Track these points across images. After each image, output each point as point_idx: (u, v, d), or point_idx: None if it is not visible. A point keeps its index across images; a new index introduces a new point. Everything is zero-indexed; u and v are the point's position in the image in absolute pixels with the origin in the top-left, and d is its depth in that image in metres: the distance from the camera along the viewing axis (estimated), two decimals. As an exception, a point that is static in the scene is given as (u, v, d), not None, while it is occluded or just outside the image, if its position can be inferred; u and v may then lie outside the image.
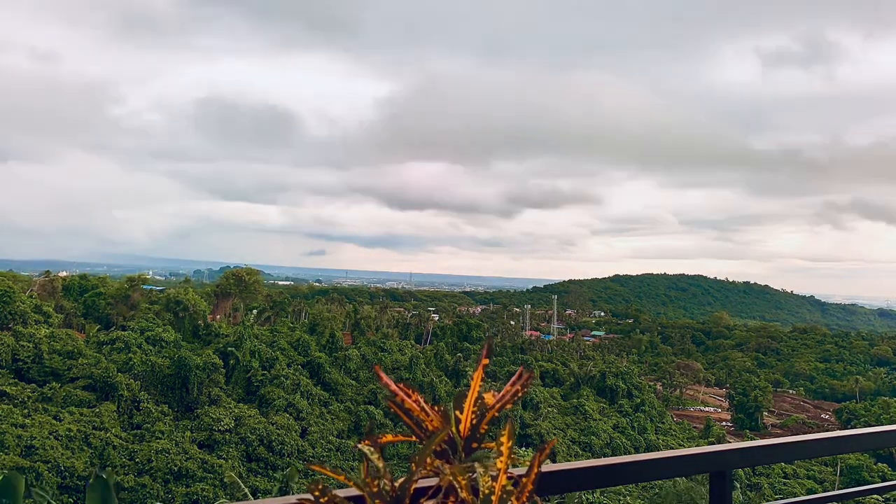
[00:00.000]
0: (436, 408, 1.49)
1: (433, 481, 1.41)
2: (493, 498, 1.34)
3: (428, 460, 1.38)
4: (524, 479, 1.38)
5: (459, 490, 1.34)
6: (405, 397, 1.50)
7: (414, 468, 1.34)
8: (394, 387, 1.51)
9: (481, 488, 1.35)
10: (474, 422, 1.48)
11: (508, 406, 1.50)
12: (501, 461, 1.38)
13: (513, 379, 1.54)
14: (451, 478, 1.35)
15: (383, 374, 1.55)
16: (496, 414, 1.50)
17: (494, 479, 1.37)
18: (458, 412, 1.48)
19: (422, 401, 1.51)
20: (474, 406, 1.49)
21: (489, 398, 1.51)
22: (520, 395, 1.51)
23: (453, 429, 1.46)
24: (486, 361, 1.54)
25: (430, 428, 1.47)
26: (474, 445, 1.47)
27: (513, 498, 1.36)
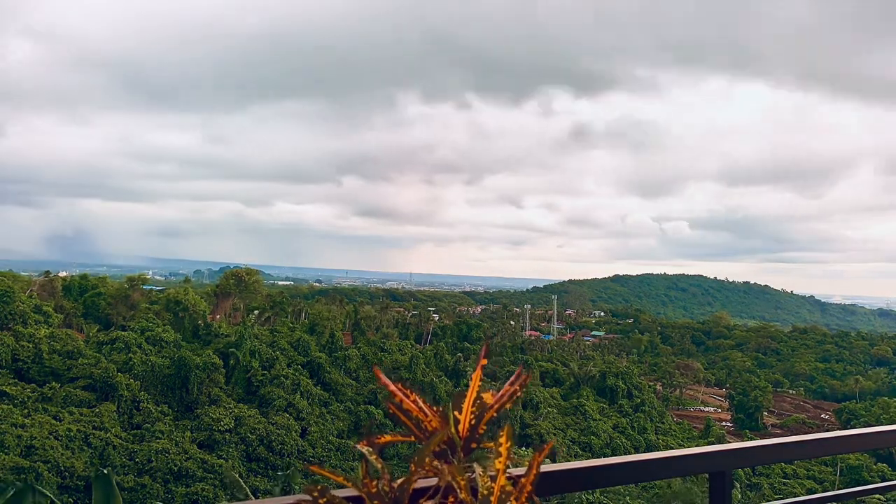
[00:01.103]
0: (434, 408, 1.49)
1: (432, 481, 1.41)
2: (492, 498, 1.34)
3: (427, 461, 1.38)
4: (523, 480, 1.38)
5: (458, 490, 1.34)
6: (404, 397, 1.50)
7: (413, 469, 1.34)
8: (392, 387, 1.51)
9: (480, 489, 1.35)
10: (473, 422, 1.47)
11: (507, 406, 1.50)
12: (500, 462, 1.38)
13: (511, 379, 1.54)
14: (449, 478, 1.35)
15: (382, 375, 1.55)
16: (495, 414, 1.50)
17: (493, 479, 1.37)
18: (456, 412, 1.48)
19: (420, 401, 1.50)
20: (473, 406, 1.48)
21: (488, 398, 1.51)
22: (518, 395, 1.50)
23: (452, 429, 1.46)
24: (484, 362, 1.54)
25: (429, 428, 1.47)
26: (473, 446, 1.47)
27: (512, 498, 1.36)
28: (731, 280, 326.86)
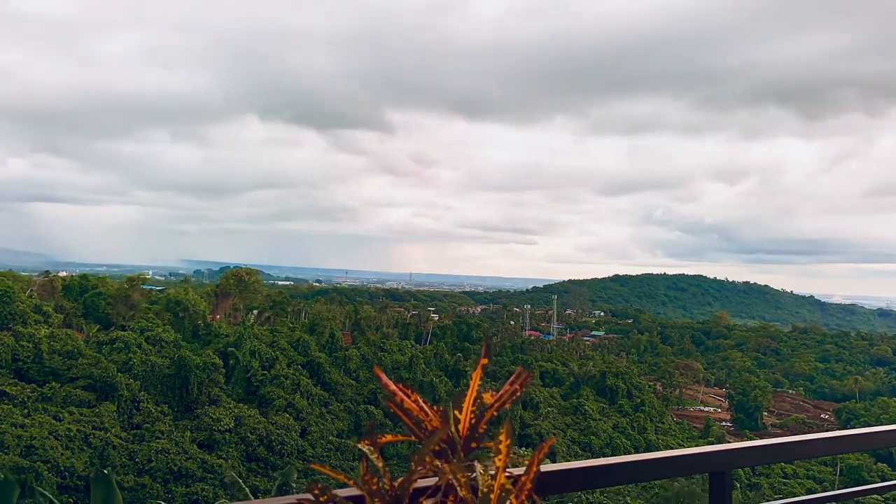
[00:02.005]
0: (435, 408, 1.50)
1: (432, 480, 1.41)
2: (492, 497, 1.34)
3: (427, 460, 1.39)
4: (523, 478, 1.39)
5: (458, 489, 1.35)
6: (404, 397, 1.51)
7: (413, 467, 1.35)
8: (393, 387, 1.52)
9: (480, 487, 1.35)
10: (473, 421, 1.48)
11: (507, 405, 1.50)
12: (500, 460, 1.39)
13: (511, 378, 1.54)
14: (450, 477, 1.35)
15: (382, 375, 1.55)
16: (495, 413, 1.50)
17: (493, 477, 1.37)
18: (456, 412, 1.49)
19: (421, 401, 1.50)
20: (473, 406, 1.49)
21: (488, 398, 1.51)
22: (518, 394, 1.50)
23: (452, 428, 1.47)
24: (484, 361, 1.54)
25: (429, 428, 1.47)
26: (473, 445, 1.47)
27: (511, 497, 1.37)
28: (730, 280, 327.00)
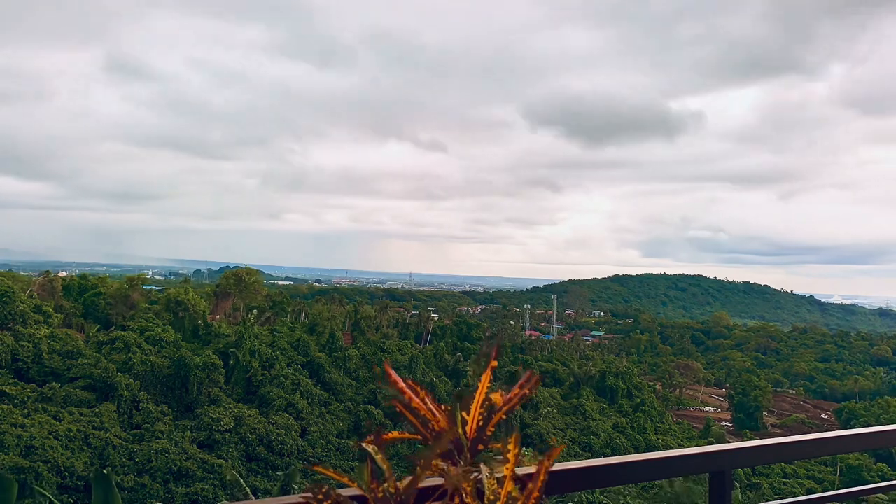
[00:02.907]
0: (442, 407, 1.48)
1: (436, 481, 1.40)
2: (498, 503, 1.33)
3: (433, 462, 1.37)
4: (530, 485, 1.36)
5: (464, 494, 1.33)
6: (413, 395, 1.49)
7: (419, 470, 1.32)
8: (402, 384, 1.50)
9: (486, 492, 1.33)
10: (481, 423, 1.47)
11: (516, 408, 1.49)
12: (507, 468, 1.36)
13: (521, 381, 1.52)
14: (456, 483, 1.34)
15: (392, 371, 1.53)
16: (503, 416, 1.49)
17: (500, 483, 1.35)
18: (464, 413, 1.47)
19: (429, 400, 1.48)
20: (481, 408, 1.48)
21: (496, 399, 1.49)
22: (527, 397, 1.49)
23: (459, 430, 1.45)
24: (494, 364, 1.51)
25: (436, 428, 1.45)
26: (480, 447, 1.45)
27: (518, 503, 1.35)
28: (730, 280, 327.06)
